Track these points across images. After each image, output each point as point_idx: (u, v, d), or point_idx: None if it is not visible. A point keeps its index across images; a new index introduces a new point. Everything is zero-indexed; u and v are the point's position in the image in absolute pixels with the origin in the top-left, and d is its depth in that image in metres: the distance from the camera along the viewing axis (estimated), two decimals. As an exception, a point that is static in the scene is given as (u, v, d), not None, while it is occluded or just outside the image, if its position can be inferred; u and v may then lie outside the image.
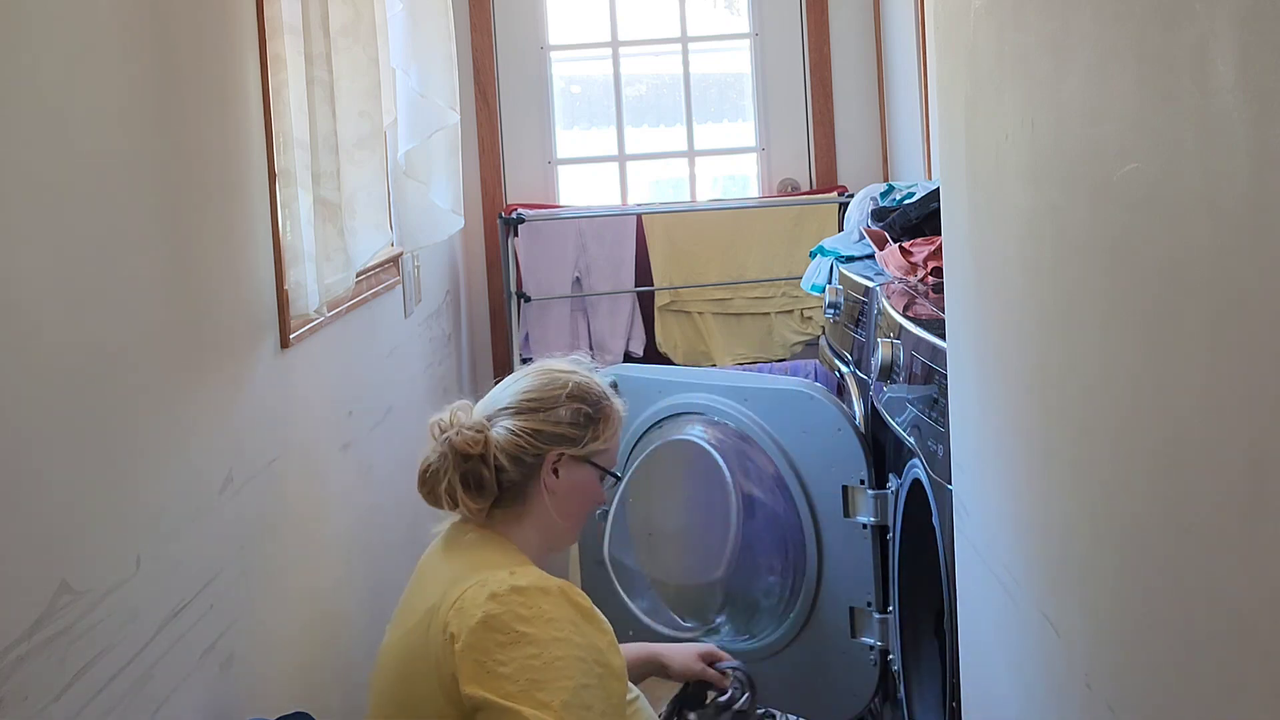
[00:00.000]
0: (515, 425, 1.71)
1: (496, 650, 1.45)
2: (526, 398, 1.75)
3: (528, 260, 3.75)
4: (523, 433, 1.70)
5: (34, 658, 1.04)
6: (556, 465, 1.72)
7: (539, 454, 1.71)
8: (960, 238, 1.29)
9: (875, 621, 2.34)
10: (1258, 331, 0.59)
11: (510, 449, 1.70)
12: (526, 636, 1.46)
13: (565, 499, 1.74)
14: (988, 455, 1.20)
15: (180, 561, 1.38)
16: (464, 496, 1.68)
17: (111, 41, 1.28)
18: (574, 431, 1.73)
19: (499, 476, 1.70)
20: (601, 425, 1.77)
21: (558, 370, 1.79)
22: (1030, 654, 1.06)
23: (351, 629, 2.13)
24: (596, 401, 1.77)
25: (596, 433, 1.76)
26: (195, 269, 1.48)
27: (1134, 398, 0.77)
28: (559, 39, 3.95)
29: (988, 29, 1.09)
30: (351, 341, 2.28)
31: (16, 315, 1.06)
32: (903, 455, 2.06)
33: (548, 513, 1.72)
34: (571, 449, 1.73)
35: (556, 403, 1.74)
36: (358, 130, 2.06)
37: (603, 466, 1.78)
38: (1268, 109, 0.57)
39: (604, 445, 1.78)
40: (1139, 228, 0.74)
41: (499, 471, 1.69)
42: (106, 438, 1.21)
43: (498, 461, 1.70)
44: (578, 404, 1.75)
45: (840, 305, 2.67)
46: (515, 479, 1.70)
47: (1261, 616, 0.61)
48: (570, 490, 1.74)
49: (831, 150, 3.90)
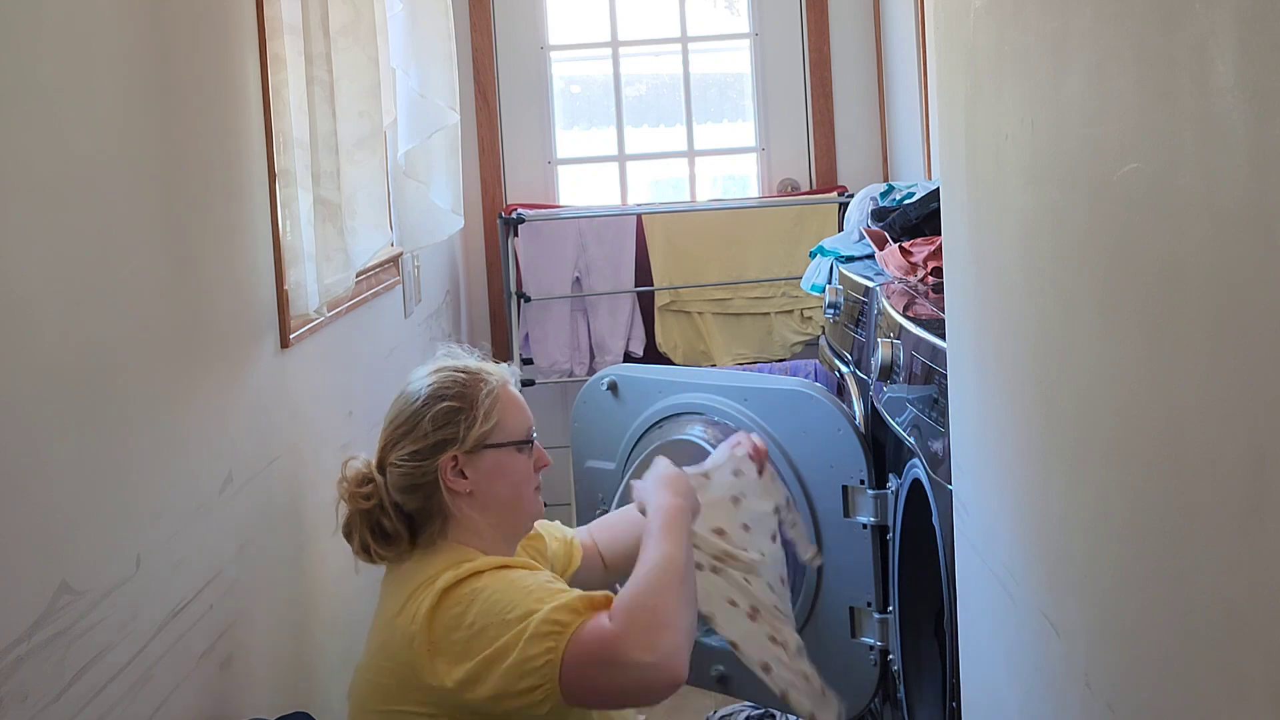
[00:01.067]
0: (395, 458, 1.64)
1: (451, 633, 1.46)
2: (395, 425, 1.67)
3: (528, 260, 3.75)
4: (403, 461, 1.63)
5: (34, 658, 1.04)
6: (458, 468, 1.63)
7: (429, 471, 1.62)
8: (960, 238, 1.29)
9: (875, 621, 2.34)
10: (1257, 331, 0.59)
11: (401, 483, 1.63)
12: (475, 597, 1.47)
13: (487, 491, 1.65)
14: (988, 455, 1.20)
15: (180, 561, 1.38)
16: (378, 549, 1.63)
17: (111, 41, 1.28)
18: (448, 432, 1.64)
19: (403, 512, 1.63)
20: (474, 409, 1.66)
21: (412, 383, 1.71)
22: (1030, 654, 1.06)
23: (351, 629, 2.13)
24: (457, 391, 1.67)
25: (472, 418, 1.65)
26: (195, 269, 1.48)
27: (1133, 397, 0.77)
28: (559, 39, 3.95)
29: (988, 28, 1.09)
30: (351, 341, 2.28)
31: (17, 315, 1.06)
32: (903, 455, 2.06)
33: (475, 514, 1.64)
34: (457, 448, 1.63)
35: (418, 416, 1.65)
36: (358, 130, 2.06)
37: (504, 442, 1.67)
38: (1268, 109, 0.57)
39: (488, 425, 1.66)
40: (1139, 228, 0.74)
41: (399, 509, 1.63)
42: (107, 437, 1.21)
43: (394, 501, 1.63)
44: (437, 404, 1.65)
45: (840, 305, 2.67)
46: (419, 505, 1.63)
47: (1261, 615, 0.61)
48: (489, 480, 1.65)
49: (831, 150, 3.90)
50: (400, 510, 1.63)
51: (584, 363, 3.76)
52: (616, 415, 2.67)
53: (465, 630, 1.45)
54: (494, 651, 1.42)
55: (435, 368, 1.71)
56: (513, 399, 1.72)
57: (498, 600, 1.47)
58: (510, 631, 1.43)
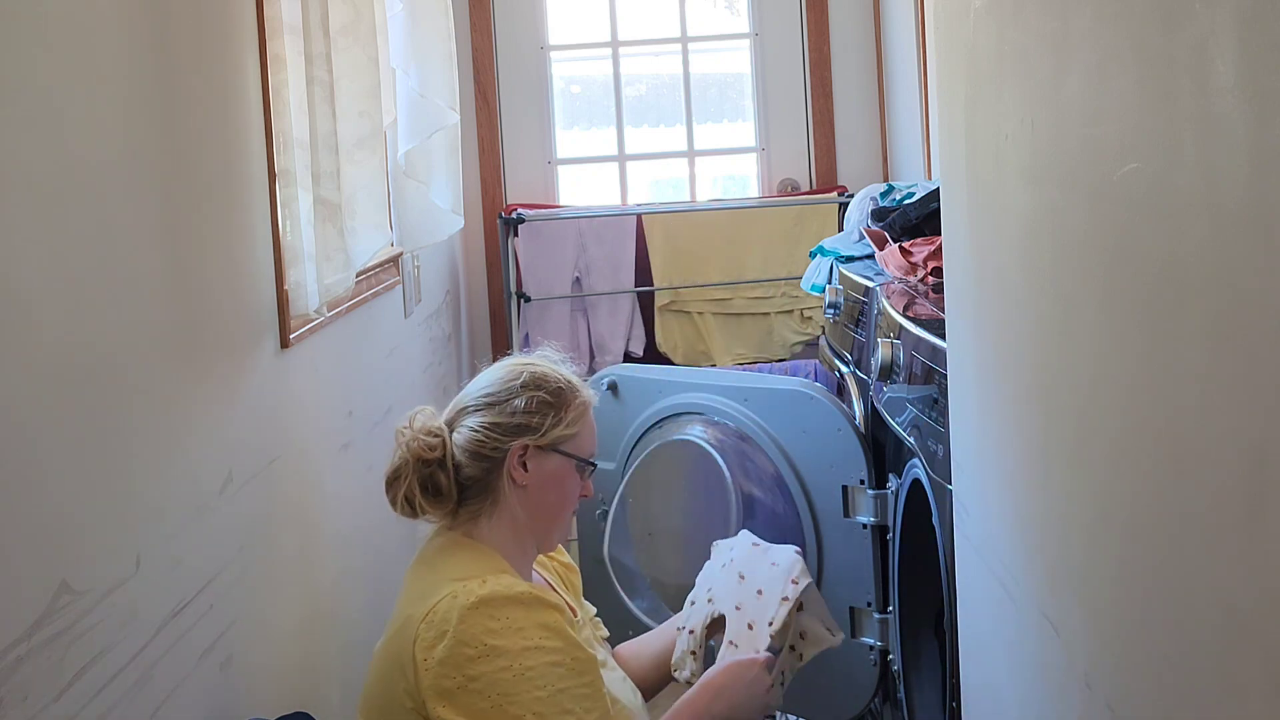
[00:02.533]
0: (474, 422, 1.67)
1: (467, 665, 1.43)
2: (484, 393, 1.71)
3: (528, 260, 3.75)
4: (481, 428, 1.66)
5: (34, 658, 1.04)
6: (524, 458, 1.67)
7: (500, 448, 1.66)
8: (960, 238, 1.29)
9: (875, 621, 2.34)
10: (1257, 331, 0.59)
11: (470, 446, 1.66)
12: (496, 649, 1.44)
13: (538, 492, 1.68)
14: (988, 455, 1.20)
15: (180, 561, 1.38)
16: (423, 501, 1.65)
17: (111, 41, 1.28)
18: (533, 420, 1.67)
19: (460, 475, 1.66)
20: (563, 411, 1.70)
21: (516, 363, 1.75)
22: (1030, 654, 1.06)
23: (351, 629, 2.13)
24: (555, 388, 1.71)
25: (559, 418, 1.69)
26: (195, 269, 1.48)
27: (1133, 397, 0.77)
28: (559, 39, 3.95)
29: (987, 28, 1.09)
30: (351, 341, 2.28)
31: (16, 315, 1.06)
32: (903, 455, 2.06)
33: (520, 510, 1.67)
34: (534, 438, 1.67)
35: (512, 394, 1.69)
36: (358, 130, 2.06)
37: (574, 454, 1.72)
38: (1268, 109, 0.57)
39: (569, 431, 1.71)
40: (1139, 227, 0.74)
41: (458, 470, 1.66)
42: (107, 438, 1.21)
43: (456, 461, 1.66)
44: (534, 392, 1.69)
45: (840, 305, 2.67)
46: (477, 475, 1.66)
47: (1261, 615, 0.61)
48: (543, 483, 1.68)
49: (831, 150, 3.90)
50: (458, 471, 1.66)
51: (584, 363, 3.77)
52: (616, 415, 2.67)
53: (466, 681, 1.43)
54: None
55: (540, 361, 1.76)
56: (592, 422, 1.78)
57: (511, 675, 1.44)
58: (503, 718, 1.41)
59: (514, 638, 1.46)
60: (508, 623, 1.47)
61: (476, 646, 1.44)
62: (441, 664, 1.44)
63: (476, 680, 1.43)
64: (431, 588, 1.54)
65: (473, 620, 1.46)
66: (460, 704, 1.42)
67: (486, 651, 1.44)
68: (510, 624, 1.47)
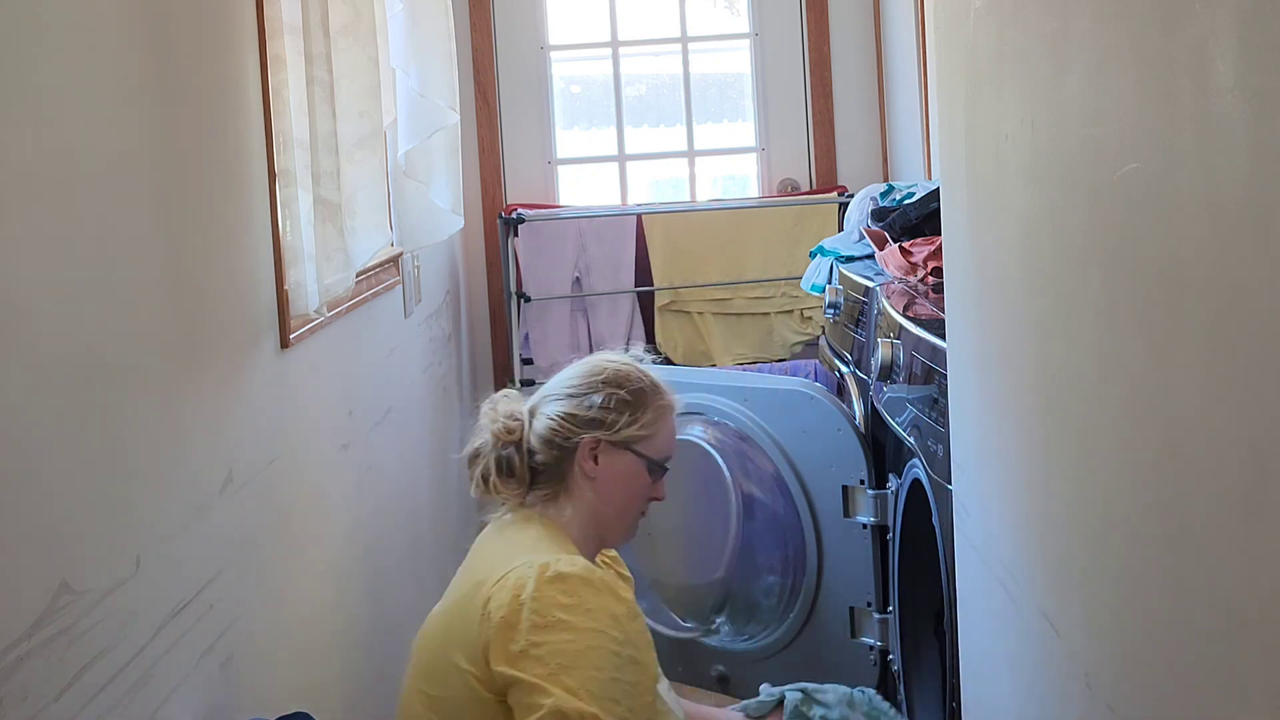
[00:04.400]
0: (552, 411, 1.75)
1: (532, 632, 1.47)
2: (566, 384, 1.78)
3: (528, 260, 3.75)
4: (557, 417, 1.74)
5: (34, 658, 1.04)
6: (596, 452, 1.73)
7: (572, 438, 1.73)
8: (960, 238, 1.29)
9: (875, 621, 2.34)
10: (1257, 331, 0.59)
11: (545, 433, 1.73)
12: (564, 623, 1.48)
13: (608, 488, 1.74)
14: (988, 455, 1.20)
15: (180, 561, 1.38)
16: (497, 480, 1.73)
17: (111, 41, 1.28)
18: (608, 416, 1.74)
19: (532, 460, 1.73)
20: (640, 411, 1.75)
21: (603, 359, 1.82)
22: (1030, 654, 1.06)
23: (351, 629, 2.13)
24: (636, 388, 1.77)
25: (635, 418, 1.75)
26: (195, 269, 1.48)
27: (1133, 397, 0.77)
28: (559, 39, 3.94)
29: (988, 28, 1.09)
30: (351, 341, 2.28)
31: (16, 315, 1.06)
32: (903, 455, 2.06)
33: (590, 500, 1.73)
34: (606, 434, 1.73)
35: (592, 389, 1.76)
36: (358, 130, 2.06)
37: (645, 454, 1.76)
38: (1268, 109, 0.57)
39: (644, 432, 1.76)
40: (1139, 227, 0.74)
41: (532, 455, 1.73)
42: (106, 438, 1.21)
43: (530, 446, 1.73)
44: (613, 389, 1.75)
45: (840, 305, 2.67)
46: (549, 462, 1.73)
47: (1261, 616, 0.61)
48: (613, 479, 1.74)
49: (831, 150, 3.90)
50: (531, 456, 1.74)
51: (584, 363, 3.76)
52: (616, 415, 2.66)
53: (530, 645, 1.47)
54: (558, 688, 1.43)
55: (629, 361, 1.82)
56: (672, 426, 1.83)
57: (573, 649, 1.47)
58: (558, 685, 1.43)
59: (583, 617, 1.49)
60: (579, 601, 1.50)
61: (547, 616, 1.48)
62: (510, 626, 1.48)
63: (540, 647, 1.46)
64: (505, 557, 1.59)
65: (548, 591, 1.49)
66: (520, 664, 1.46)
67: (554, 623, 1.48)
68: (582, 603, 1.50)
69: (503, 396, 1.81)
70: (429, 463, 2.98)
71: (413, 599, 2.68)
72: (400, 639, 2.50)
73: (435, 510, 3.04)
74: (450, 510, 3.26)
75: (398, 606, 2.50)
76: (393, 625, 2.43)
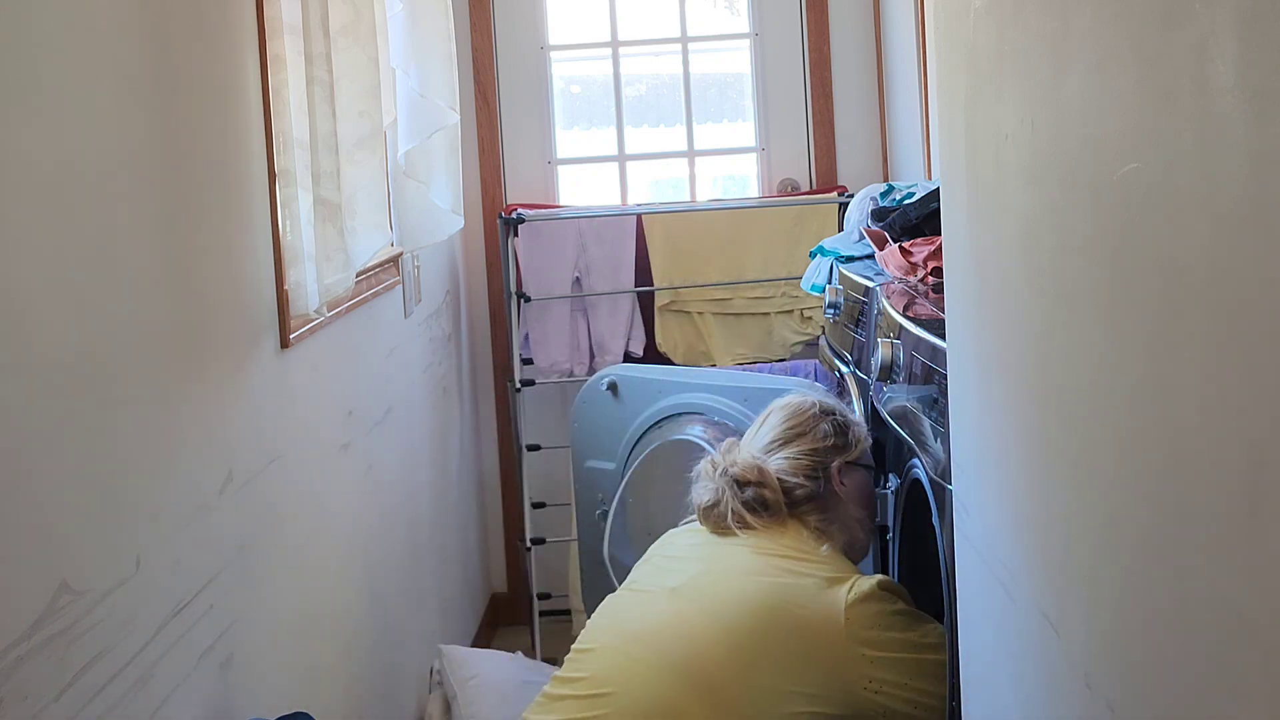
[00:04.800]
0: (790, 453, 2.00)
1: (898, 631, 1.78)
2: (788, 427, 2.04)
3: (528, 260, 3.75)
4: (803, 455, 2.00)
5: (34, 658, 1.04)
6: (842, 476, 2.01)
7: (823, 466, 2.00)
8: (960, 238, 1.29)
9: (875, 621, 2.34)
10: (1257, 330, 0.59)
11: (796, 471, 1.98)
12: (912, 624, 1.81)
13: (856, 503, 2.02)
14: (988, 455, 1.20)
15: (180, 561, 1.38)
16: (751, 518, 1.94)
17: (111, 42, 1.28)
18: (839, 440, 2.03)
19: (797, 494, 1.96)
20: (855, 428, 2.06)
21: (799, 399, 2.09)
22: (1030, 654, 1.06)
23: (352, 628, 2.13)
24: (840, 410, 2.07)
25: (855, 435, 2.05)
26: (195, 269, 1.48)
27: (1134, 397, 0.77)
28: (559, 39, 3.94)
29: (988, 28, 1.09)
30: (351, 341, 2.28)
31: (16, 315, 1.06)
32: (903, 455, 2.06)
33: (849, 519, 2.00)
34: (846, 456, 2.02)
35: (815, 421, 2.04)
36: (358, 130, 2.06)
37: (869, 465, 2.05)
38: (1268, 109, 0.57)
39: (862, 447, 2.05)
40: (1139, 227, 0.74)
41: (796, 489, 1.96)
42: (106, 438, 1.21)
43: (785, 484, 1.97)
44: (830, 416, 2.05)
45: (840, 305, 2.67)
46: (810, 494, 1.97)
47: (1262, 616, 0.61)
48: (856, 493, 2.02)
49: (831, 150, 3.90)
50: (786, 490, 1.97)
51: (584, 363, 3.76)
52: (616, 415, 2.67)
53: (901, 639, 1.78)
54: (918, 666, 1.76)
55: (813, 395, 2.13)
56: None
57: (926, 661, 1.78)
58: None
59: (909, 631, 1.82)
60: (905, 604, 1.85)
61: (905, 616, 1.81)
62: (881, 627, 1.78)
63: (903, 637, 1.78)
64: (818, 566, 1.86)
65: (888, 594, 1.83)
66: (878, 644, 1.76)
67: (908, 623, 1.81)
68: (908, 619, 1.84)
69: (728, 447, 2.04)
70: (429, 463, 2.98)
71: (412, 599, 2.68)
72: (400, 638, 2.51)
73: (435, 510, 3.04)
74: (450, 510, 3.26)
75: (397, 606, 2.50)
76: (392, 625, 2.43)
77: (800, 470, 1.99)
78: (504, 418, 3.85)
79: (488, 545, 3.81)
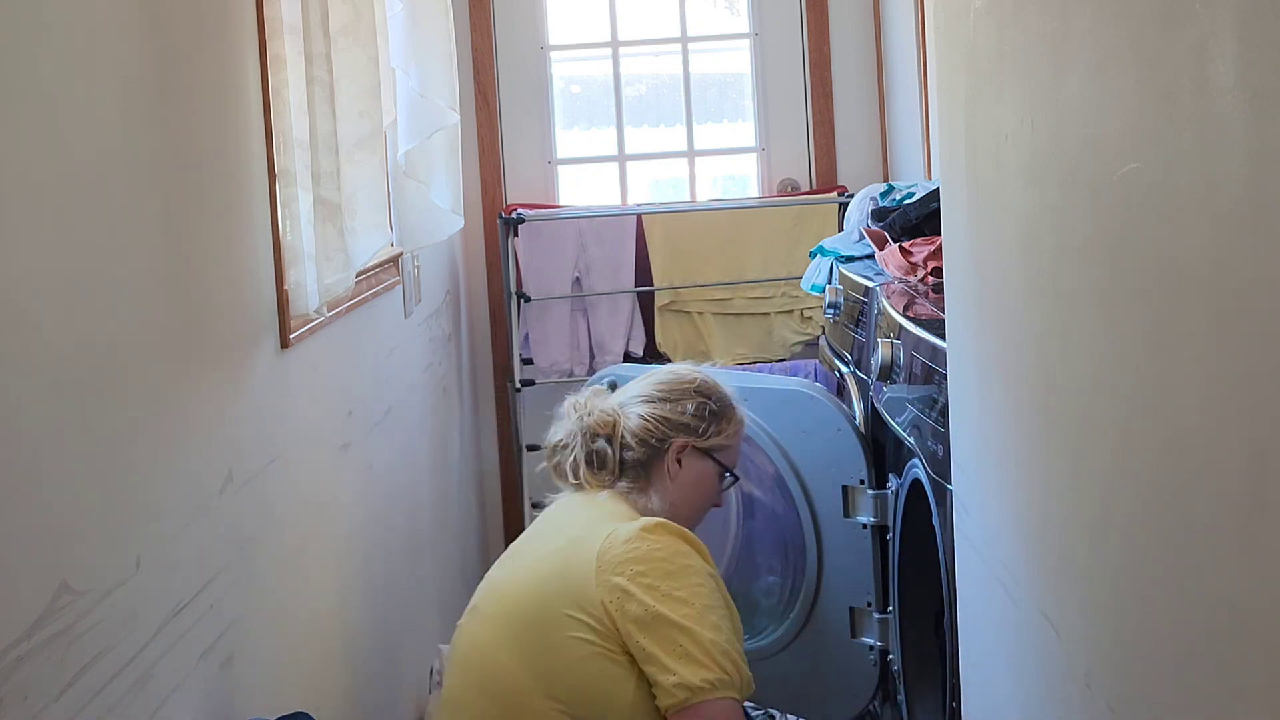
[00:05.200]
0: (645, 411, 1.93)
1: (639, 560, 1.68)
2: (658, 388, 1.97)
3: (528, 260, 3.75)
4: (652, 418, 1.93)
5: (34, 658, 1.04)
6: (680, 455, 1.92)
7: (665, 439, 1.92)
8: (960, 238, 1.29)
9: (875, 621, 2.34)
10: (1257, 330, 0.59)
11: (640, 432, 1.92)
12: (673, 552, 1.71)
13: (687, 489, 1.93)
14: (988, 455, 1.20)
15: (180, 561, 1.38)
16: (586, 472, 1.90)
17: (111, 41, 1.28)
18: (698, 423, 1.94)
19: (625, 455, 1.90)
20: (724, 422, 1.97)
21: (691, 369, 2.03)
22: (1030, 654, 1.06)
23: (351, 628, 2.13)
24: (721, 400, 1.99)
25: (720, 428, 1.96)
26: (195, 269, 1.48)
27: (1134, 397, 0.77)
28: (559, 39, 3.94)
29: (988, 28, 1.09)
30: (351, 341, 2.28)
31: (16, 315, 1.06)
32: (903, 455, 2.06)
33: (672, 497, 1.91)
34: (695, 439, 1.94)
35: (685, 395, 1.96)
36: (358, 130, 2.06)
37: (723, 463, 1.97)
38: (1268, 109, 0.57)
39: (725, 442, 1.97)
40: (1139, 228, 0.74)
41: (625, 450, 1.90)
42: (106, 438, 1.21)
43: (625, 442, 1.91)
44: (703, 399, 1.97)
45: (840, 305, 2.67)
46: (641, 459, 1.91)
47: (1261, 615, 0.61)
48: (691, 481, 1.94)
49: (831, 150, 3.90)
50: (624, 450, 1.92)
51: (584, 363, 3.76)
52: (616, 415, 2.66)
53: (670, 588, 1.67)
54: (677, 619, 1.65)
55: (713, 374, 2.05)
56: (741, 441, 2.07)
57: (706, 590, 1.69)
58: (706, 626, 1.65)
59: (681, 558, 1.72)
60: (676, 544, 1.73)
61: (657, 549, 1.70)
62: (625, 561, 1.68)
63: (680, 589, 1.67)
64: (601, 518, 1.80)
65: (656, 533, 1.73)
66: (638, 583, 1.66)
67: (659, 550, 1.70)
68: (679, 548, 1.72)
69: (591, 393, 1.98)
70: (429, 463, 2.98)
71: (413, 598, 2.68)
72: (400, 638, 2.51)
73: (435, 510, 3.04)
74: (450, 510, 3.26)
75: (398, 606, 2.50)
76: (393, 625, 2.43)
77: (644, 433, 1.93)
78: (504, 418, 3.85)
79: (488, 545, 3.81)
